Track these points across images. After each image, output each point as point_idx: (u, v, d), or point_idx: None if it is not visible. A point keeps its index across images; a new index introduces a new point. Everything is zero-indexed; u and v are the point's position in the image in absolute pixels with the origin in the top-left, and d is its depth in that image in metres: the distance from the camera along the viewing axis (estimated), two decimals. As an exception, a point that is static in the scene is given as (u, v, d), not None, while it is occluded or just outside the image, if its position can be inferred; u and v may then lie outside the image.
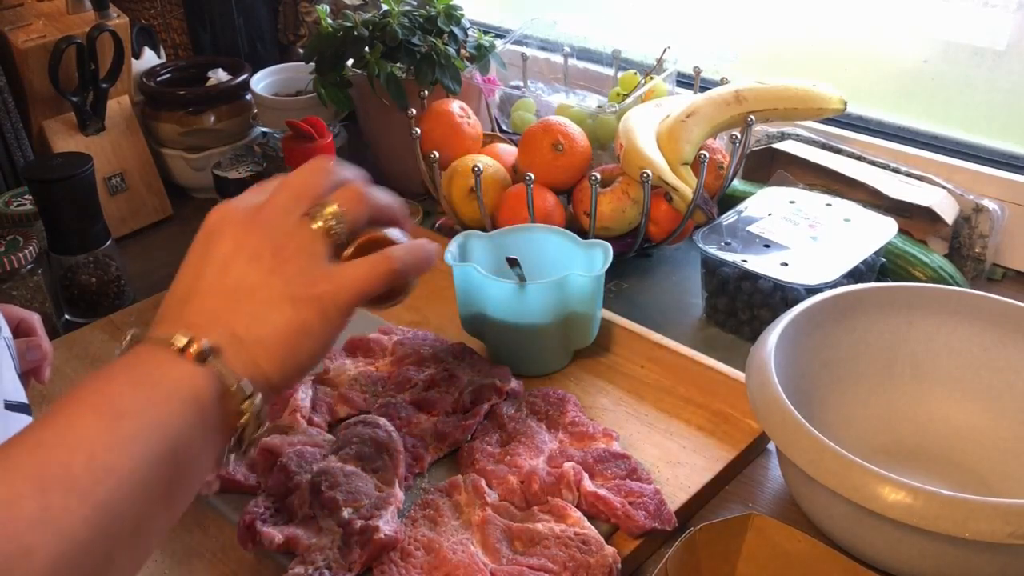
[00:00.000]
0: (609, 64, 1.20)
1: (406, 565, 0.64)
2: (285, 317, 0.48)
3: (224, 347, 0.47)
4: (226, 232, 0.50)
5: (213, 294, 0.49)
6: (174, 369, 0.45)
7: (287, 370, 0.49)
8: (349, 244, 0.53)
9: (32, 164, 1.10)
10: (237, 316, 0.48)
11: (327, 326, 0.49)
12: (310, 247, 0.50)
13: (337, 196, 0.52)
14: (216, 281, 0.49)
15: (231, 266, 0.49)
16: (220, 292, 0.49)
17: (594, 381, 0.85)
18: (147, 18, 1.35)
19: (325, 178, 0.53)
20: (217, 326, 0.47)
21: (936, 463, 0.74)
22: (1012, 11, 0.97)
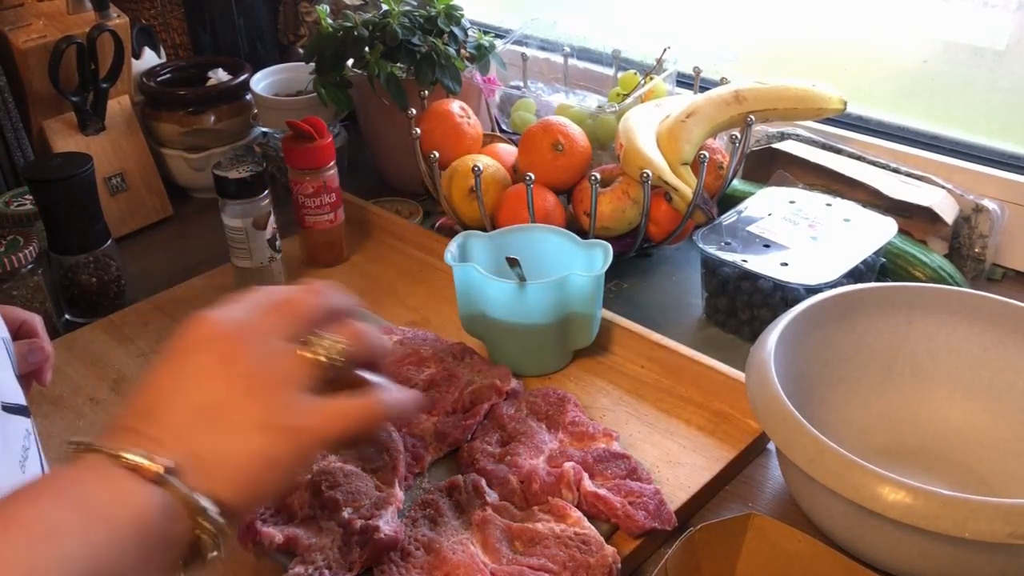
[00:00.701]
0: (609, 64, 1.20)
1: (406, 565, 0.64)
2: (253, 445, 0.45)
3: (183, 467, 0.43)
4: (208, 347, 0.47)
5: (180, 410, 0.45)
6: (120, 488, 0.42)
7: (246, 499, 0.45)
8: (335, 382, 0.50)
9: (32, 164, 1.10)
10: (202, 436, 0.44)
11: (297, 460, 0.46)
12: (296, 375, 0.47)
13: (342, 332, 0.50)
14: (186, 397, 0.45)
15: (206, 382, 0.46)
16: (188, 408, 0.45)
17: (594, 381, 0.85)
18: (147, 18, 1.35)
19: (321, 304, 0.50)
20: (178, 445, 0.44)
21: (936, 463, 0.74)
22: (1012, 11, 0.97)
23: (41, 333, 0.71)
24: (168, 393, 0.46)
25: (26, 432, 0.58)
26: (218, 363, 0.46)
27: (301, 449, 0.46)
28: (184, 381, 0.46)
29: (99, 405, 0.85)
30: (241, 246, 0.96)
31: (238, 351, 0.47)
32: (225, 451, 0.44)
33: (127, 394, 0.48)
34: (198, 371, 0.46)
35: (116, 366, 0.91)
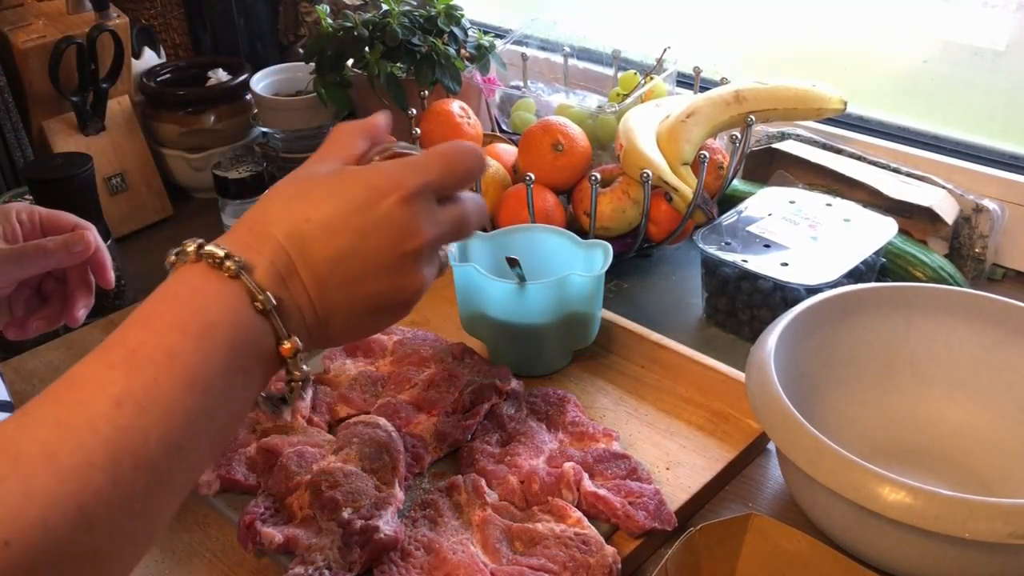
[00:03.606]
0: (609, 64, 1.20)
1: (406, 565, 0.64)
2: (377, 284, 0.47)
3: (271, 265, 0.45)
4: (408, 218, 0.47)
5: (334, 235, 0.46)
6: (206, 289, 0.44)
7: (342, 326, 0.47)
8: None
9: (32, 164, 1.10)
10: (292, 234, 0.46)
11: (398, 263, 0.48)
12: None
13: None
14: (349, 234, 0.46)
15: (372, 235, 0.47)
16: (340, 237, 0.46)
17: (594, 381, 0.85)
18: (147, 18, 1.35)
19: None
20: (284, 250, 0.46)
21: (936, 463, 0.74)
22: (1012, 11, 0.97)
23: (94, 236, 0.69)
24: (335, 220, 0.46)
25: None
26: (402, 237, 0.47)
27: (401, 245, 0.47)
28: (360, 219, 0.47)
29: (99, 405, 0.85)
30: (241, 246, 0.96)
31: (420, 235, 0.48)
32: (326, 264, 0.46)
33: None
34: (383, 222, 0.47)
35: (116, 366, 0.90)
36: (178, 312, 0.43)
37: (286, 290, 0.45)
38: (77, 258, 0.67)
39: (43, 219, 0.69)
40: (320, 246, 0.45)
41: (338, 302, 0.46)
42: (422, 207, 0.47)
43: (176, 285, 0.44)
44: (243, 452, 0.74)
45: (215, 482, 0.71)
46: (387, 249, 0.46)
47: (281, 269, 0.45)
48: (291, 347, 0.45)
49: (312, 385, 0.81)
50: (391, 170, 0.47)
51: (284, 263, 0.45)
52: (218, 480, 0.71)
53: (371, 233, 0.46)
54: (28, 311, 0.68)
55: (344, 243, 0.45)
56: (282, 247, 0.45)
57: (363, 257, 0.46)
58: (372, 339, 0.87)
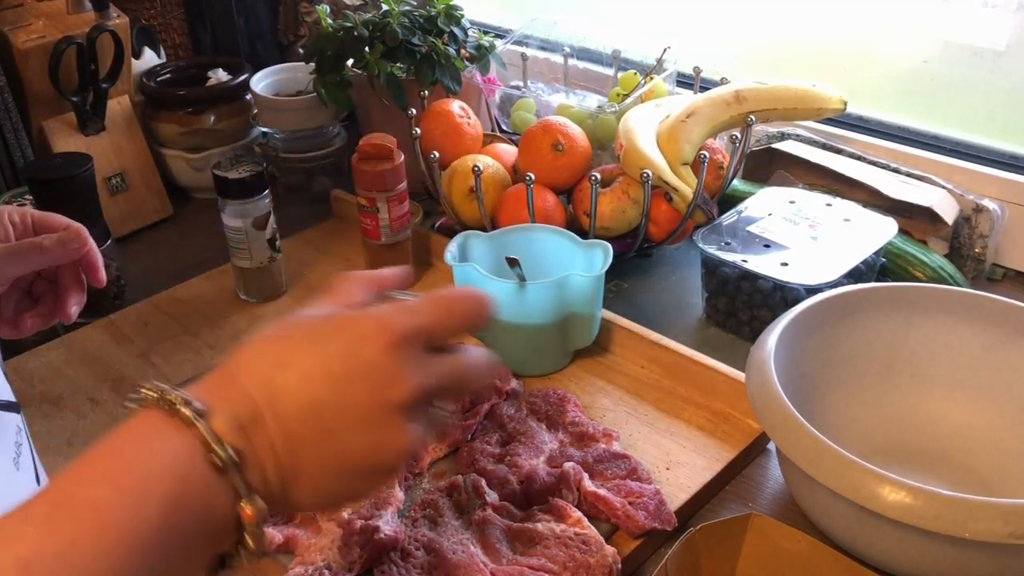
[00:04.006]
0: (609, 64, 1.20)
1: (406, 565, 0.64)
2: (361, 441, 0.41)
3: (241, 418, 0.40)
4: (394, 373, 0.41)
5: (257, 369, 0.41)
6: (157, 435, 0.38)
7: (311, 488, 0.41)
8: None
9: (32, 164, 1.10)
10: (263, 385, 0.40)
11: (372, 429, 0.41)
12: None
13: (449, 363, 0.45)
14: (325, 383, 0.41)
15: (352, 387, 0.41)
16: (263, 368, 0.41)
17: (594, 381, 0.85)
18: (147, 18, 1.35)
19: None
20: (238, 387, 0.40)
21: (936, 463, 0.74)
22: (1012, 11, 0.97)
23: (87, 240, 0.68)
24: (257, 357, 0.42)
25: (17, 428, 0.58)
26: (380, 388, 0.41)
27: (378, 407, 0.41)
28: (339, 366, 0.41)
29: (99, 405, 0.85)
30: (241, 246, 0.96)
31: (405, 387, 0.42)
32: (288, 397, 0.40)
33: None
34: (353, 368, 0.41)
35: (116, 366, 0.91)
36: (114, 462, 0.37)
37: (247, 443, 0.39)
38: (73, 255, 0.67)
39: (35, 220, 0.69)
40: (293, 396, 0.40)
41: (307, 460, 0.40)
42: (409, 354, 0.41)
43: (123, 432, 0.39)
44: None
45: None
46: (366, 399, 0.41)
47: (243, 418, 0.39)
48: (253, 512, 0.39)
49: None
50: (378, 313, 0.43)
51: (249, 412, 0.40)
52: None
53: (350, 381, 0.40)
54: (18, 312, 0.69)
55: (319, 393, 0.40)
56: (248, 394, 0.40)
57: (338, 408, 0.40)
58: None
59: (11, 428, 0.58)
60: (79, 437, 0.81)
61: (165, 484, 0.37)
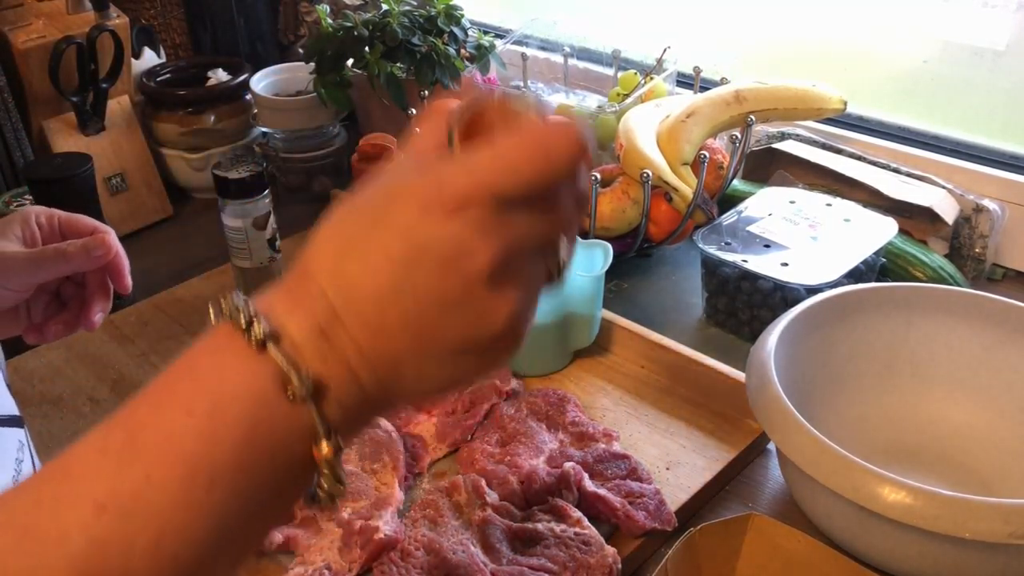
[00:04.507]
0: (609, 64, 1.20)
1: (406, 565, 0.64)
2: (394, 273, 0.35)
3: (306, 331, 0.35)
4: (477, 243, 0.35)
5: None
6: (229, 361, 0.35)
7: (416, 376, 0.36)
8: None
9: (32, 164, 1.10)
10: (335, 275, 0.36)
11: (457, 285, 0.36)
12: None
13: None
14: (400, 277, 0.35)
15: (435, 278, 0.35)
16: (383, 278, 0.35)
17: (594, 381, 0.85)
18: (147, 18, 1.35)
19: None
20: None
21: (936, 463, 0.74)
22: (1012, 11, 0.97)
23: (113, 240, 0.67)
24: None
25: (19, 444, 0.57)
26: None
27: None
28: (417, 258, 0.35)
29: (99, 405, 0.85)
30: (241, 246, 0.96)
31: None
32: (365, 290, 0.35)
33: None
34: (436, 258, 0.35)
35: (116, 366, 0.91)
36: (189, 385, 0.35)
37: (329, 348, 0.35)
38: (96, 262, 0.66)
39: (62, 223, 0.68)
40: (363, 287, 0.35)
41: (399, 349, 0.36)
42: (474, 218, 0.35)
43: (198, 352, 0.36)
44: (243, 452, 0.74)
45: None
46: (440, 280, 0.35)
47: (322, 320, 0.35)
48: (329, 451, 0.35)
49: None
50: (423, 175, 0.36)
51: (326, 312, 0.36)
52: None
53: (415, 263, 0.35)
54: (47, 316, 0.68)
55: (386, 279, 0.35)
56: (322, 291, 0.36)
57: (416, 292, 0.35)
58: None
59: (12, 445, 0.57)
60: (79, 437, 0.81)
61: (237, 410, 0.34)
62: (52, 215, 0.68)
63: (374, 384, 0.36)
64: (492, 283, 0.36)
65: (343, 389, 0.36)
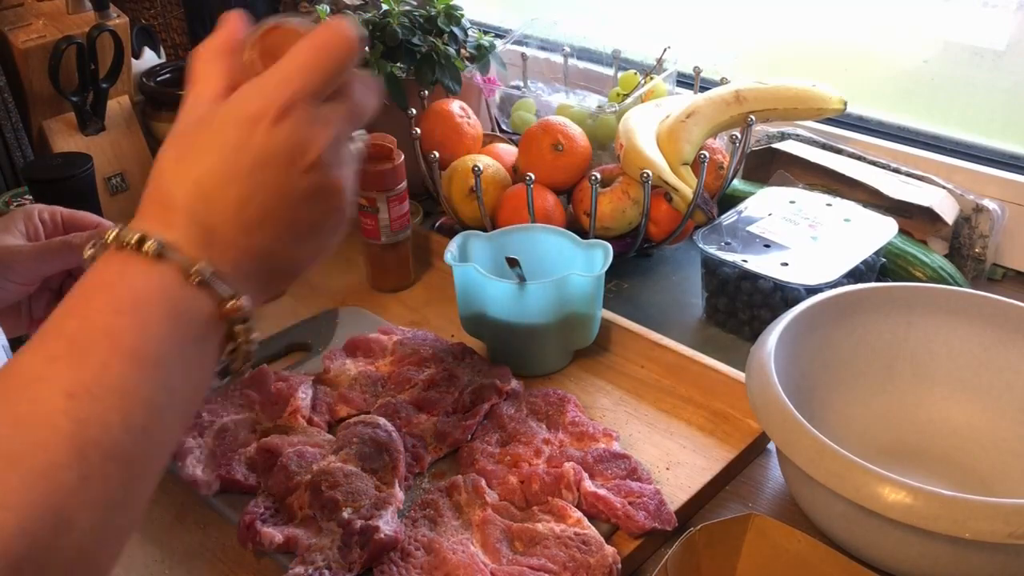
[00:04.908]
0: (609, 64, 1.20)
1: (406, 565, 0.64)
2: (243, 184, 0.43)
3: (188, 238, 0.42)
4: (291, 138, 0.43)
5: (184, 180, 0.43)
6: (134, 274, 0.41)
7: (286, 261, 0.45)
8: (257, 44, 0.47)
9: (32, 164, 1.10)
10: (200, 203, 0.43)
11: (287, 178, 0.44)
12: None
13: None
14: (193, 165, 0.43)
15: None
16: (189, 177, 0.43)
17: (594, 381, 0.85)
18: (147, 18, 1.35)
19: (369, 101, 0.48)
20: (181, 215, 0.43)
21: (936, 463, 0.74)
22: (1012, 11, 0.97)
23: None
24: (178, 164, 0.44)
25: None
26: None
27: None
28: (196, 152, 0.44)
29: (99, 405, 0.85)
30: (241, 246, 0.96)
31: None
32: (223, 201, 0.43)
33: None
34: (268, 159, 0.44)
35: (116, 366, 0.90)
36: (106, 295, 0.41)
37: (214, 251, 0.43)
38: None
39: (65, 219, 0.68)
40: (221, 199, 0.43)
41: (267, 240, 0.44)
42: (299, 119, 0.43)
43: (99, 273, 0.42)
44: (243, 452, 0.74)
45: (215, 482, 0.71)
46: (284, 175, 0.43)
47: (202, 234, 0.43)
48: (235, 305, 0.42)
49: (312, 385, 0.81)
50: (251, 95, 0.43)
51: (201, 225, 0.43)
52: (218, 480, 0.71)
53: (260, 168, 0.43)
54: (49, 313, 0.68)
55: (241, 188, 0.43)
56: (191, 210, 0.43)
57: (265, 192, 0.43)
58: (372, 339, 0.87)
59: None
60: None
61: (158, 303, 0.41)
62: (55, 211, 0.69)
63: (254, 272, 0.44)
64: (322, 170, 0.44)
65: (230, 277, 0.43)
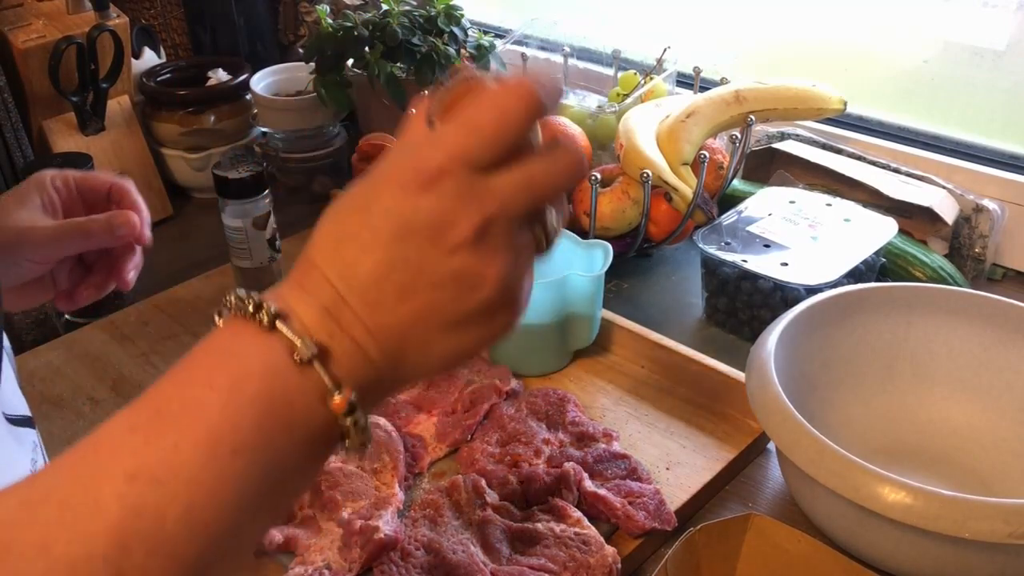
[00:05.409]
0: (609, 64, 1.20)
1: (406, 565, 0.64)
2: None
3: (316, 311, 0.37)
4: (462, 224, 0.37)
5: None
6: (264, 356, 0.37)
7: (422, 350, 0.38)
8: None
9: (32, 164, 1.09)
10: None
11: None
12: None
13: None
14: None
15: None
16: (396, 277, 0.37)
17: (594, 381, 0.85)
18: (147, 18, 1.35)
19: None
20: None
21: (936, 463, 0.74)
22: (1012, 11, 0.97)
23: (133, 198, 0.65)
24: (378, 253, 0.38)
25: (33, 444, 0.57)
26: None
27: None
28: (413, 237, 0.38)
29: (99, 405, 0.85)
30: (241, 246, 0.96)
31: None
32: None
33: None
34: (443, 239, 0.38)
35: (116, 366, 0.91)
36: (206, 365, 0.37)
37: (336, 326, 0.37)
38: (120, 240, 0.64)
39: (78, 183, 0.66)
40: (359, 267, 0.38)
41: (402, 324, 0.38)
42: (449, 188, 0.37)
43: (212, 339, 0.38)
44: (243, 452, 0.74)
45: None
46: (426, 251, 0.37)
47: (328, 303, 0.38)
48: (342, 400, 0.37)
49: None
50: (401, 157, 0.39)
51: (330, 295, 0.38)
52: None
53: (400, 238, 0.37)
54: (73, 281, 0.66)
55: (382, 255, 0.37)
56: (325, 277, 0.38)
57: (407, 264, 0.37)
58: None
59: (27, 445, 0.56)
60: (79, 437, 0.80)
61: (255, 383, 0.36)
62: (67, 177, 0.66)
63: (382, 357, 0.38)
64: (477, 250, 0.38)
65: (352, 360, 0.38)
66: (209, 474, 0.34)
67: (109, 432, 0.36)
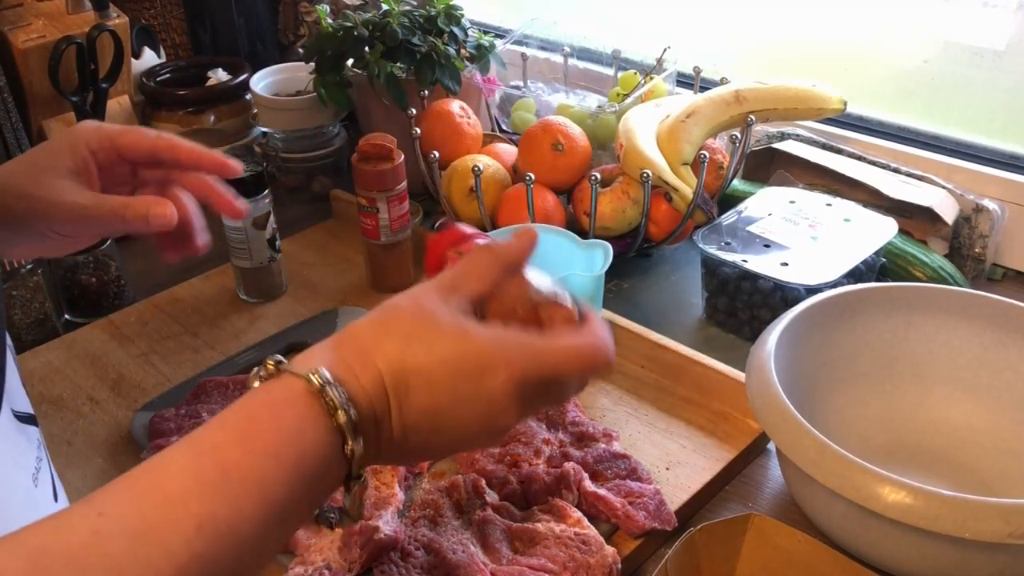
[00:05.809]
0: (609, 64, 1.20)
1: (406, 565, 0.64)
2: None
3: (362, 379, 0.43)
4: (512, 401, 0.45)
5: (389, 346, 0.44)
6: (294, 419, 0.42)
7: (419, 455, 0.48)
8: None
9: (32, 164, 1.09)
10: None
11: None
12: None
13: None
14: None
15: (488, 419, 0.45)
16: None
17: (594, 381, 0.85)
18: (147, 18, 1.35)
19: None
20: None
21: (936, 463, 0.74)
22: (1012, 11, 0.97)
23: (171, 211, 0.60)
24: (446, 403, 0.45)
25: (38, 442, 0.57)
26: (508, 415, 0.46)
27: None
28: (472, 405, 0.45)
29: (99, 405, 0.85)
30: (241, 246, 0.96)
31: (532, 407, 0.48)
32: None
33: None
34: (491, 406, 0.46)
35: (116, 366, 0.91)
36: (276, 436, 0.41)
37: (374, 429, 0.44)
38: (157, 229, 0.59)
39: (117, 141, 0.61)
40: (418, 398, 0.44)
41: (416, 444, 0.46)
42: (522, 394, 0.45)
43: (280, 403, 0.42)
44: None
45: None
46: (477, 421, 0.45)
47: (378, 410, 0.43)
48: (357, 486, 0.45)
49: None
50: (507, 350, 0.46)
51: (382, 404, 0.44)
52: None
53: (467, 402, 0.45)
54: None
55: (440, 402, 0.44)
56: (383, 386, 0.43)
57: (453, 419, 0.45)
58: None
59: (33, 442, 0.56)
60: (79, 437, 0.81)
61: (312, 465, 0.41)
62: (104, 137, 0.60)
63: (391, 449, 0.45)
64: (503, 432, 0.47)
65: (370, 453, 0.44)
66: (259, 534, 0.39)
67: (175, 476, 0.39)
